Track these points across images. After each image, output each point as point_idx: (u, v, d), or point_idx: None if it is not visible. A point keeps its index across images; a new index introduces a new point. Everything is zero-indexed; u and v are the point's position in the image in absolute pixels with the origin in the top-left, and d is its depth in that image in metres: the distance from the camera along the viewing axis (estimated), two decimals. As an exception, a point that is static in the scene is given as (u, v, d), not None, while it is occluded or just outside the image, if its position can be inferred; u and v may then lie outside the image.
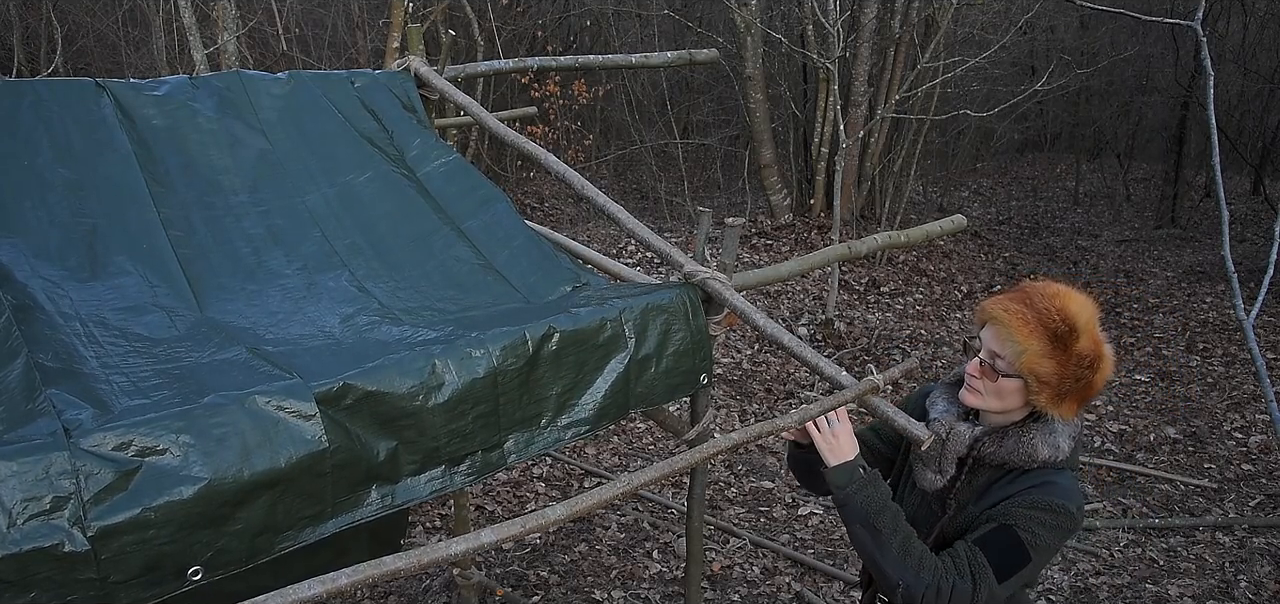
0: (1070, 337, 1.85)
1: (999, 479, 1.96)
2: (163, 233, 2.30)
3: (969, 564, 1.85)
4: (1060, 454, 1.91)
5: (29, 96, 2.42)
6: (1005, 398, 1.92)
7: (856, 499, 1.92)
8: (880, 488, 1.94)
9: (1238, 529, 4.92)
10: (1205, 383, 7.03)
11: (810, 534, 4.81)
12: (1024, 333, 1.86)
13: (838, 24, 7.78)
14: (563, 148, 11.07)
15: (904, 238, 2.86)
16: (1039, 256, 10.64)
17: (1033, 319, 1.87)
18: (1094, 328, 1.90)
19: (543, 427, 2.07)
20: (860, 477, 1.94)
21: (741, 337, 7.40)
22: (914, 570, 1.85)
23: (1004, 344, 1.90)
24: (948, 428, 2.01)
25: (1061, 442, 1.91)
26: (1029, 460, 1.91)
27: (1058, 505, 1.86)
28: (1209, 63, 4.59)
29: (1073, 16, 14.02)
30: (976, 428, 2.00)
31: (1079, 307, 1.90)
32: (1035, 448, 1.90)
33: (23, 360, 1.69)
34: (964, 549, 1.87)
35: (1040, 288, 1.94)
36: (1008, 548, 1.85)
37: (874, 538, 1.89)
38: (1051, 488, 1.88)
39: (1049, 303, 1.88)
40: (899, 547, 1.87)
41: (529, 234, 2.67)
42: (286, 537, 1.67)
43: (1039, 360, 1.85)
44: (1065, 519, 1.86)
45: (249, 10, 9.40)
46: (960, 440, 1.99)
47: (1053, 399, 1.87)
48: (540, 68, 3.79)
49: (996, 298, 1.97)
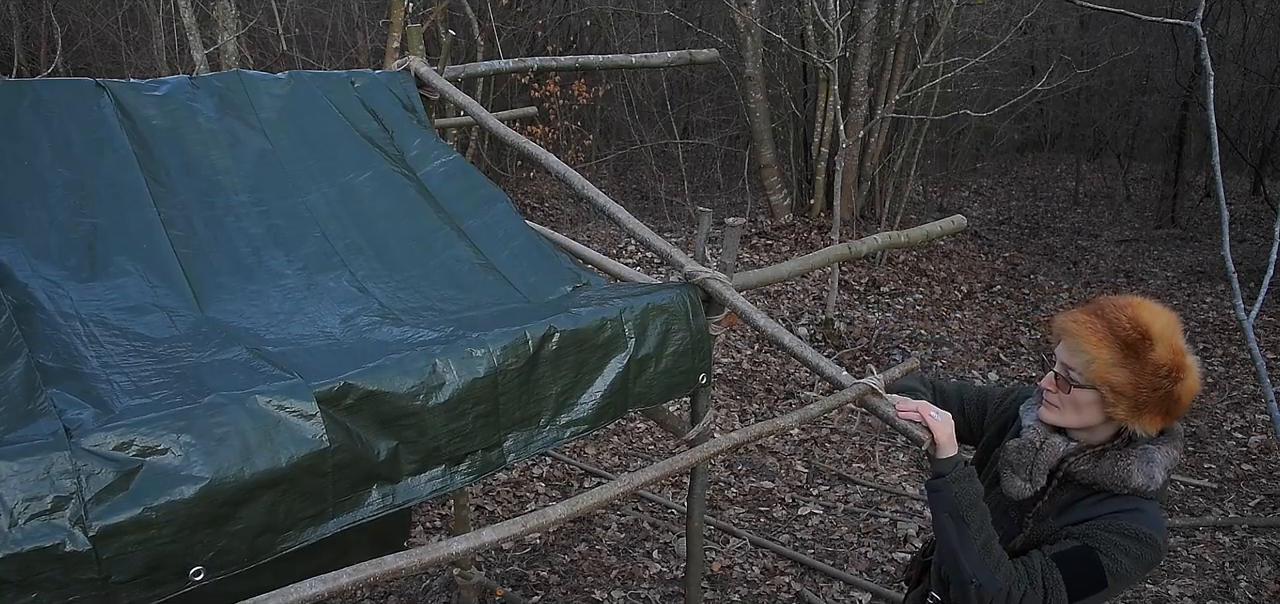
0: (1143, 344, 1.82)
1: (1085, 498, 1.93)
2: (163, 233, 2.30)
3: (1042, 577, 1.83)
4: (1154, 484, 1.87)
5: (29, 96, 2.43)
6: (1082, 411, 1.90)
7: (952, 489, 1.89)
8: (975, 484, 1.91)
9: (1238, 529, 4.92)
10: (1205, 383, 7.03)
11: (810, 534, 4.81)
12: (1093, 342, 1.85)
13: (838, 24, 7.78)
14: (563, 148, 11.07)
15: (904, 238, 2.86)
16: (1039, 256, 10.64)
17: (1103, 328, 1.85)
18: (1173, 337, 1.86)
19: (542, 426, 2.08)
20: (962, 468, 1.92)
21: (741, 337, 7.40)
22: (991, 571, 1.84)
23: (1074, 355, 1.88)
24: (1043, 437, 1.98)
25: (1156, 472, 1.87)
26: (1121, 485, 1.87)
27: (1146, 535, 1.83)
28: (1209, 63, 4.59)
29: (1073, 16, 14.02)
30: (1071, 442, 1.97)
31: (1153, 316, 1.87)
32: (1130, 473, 1.87)
33: (23, 360, 1.69)
34: (1039, 560, 1.86)
35: (1113, 299, 1.91)
36: (1086, 570, 1.83)
37: (960, 531, 1.87)
38: (1141, 516, 1.85)
39: (1120, 313, 1.87)
40: (982, 544, 1.85)
41: (529, 234, 2.67)
42: (288, 536, 1.67)
43: (1110, 370, 1.83)
44: (1151, 551, 1.83)
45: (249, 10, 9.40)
46: (1053, 452, 1.96)
47: (1131, 411, 1.84)
48: (540, 68, 3.79)
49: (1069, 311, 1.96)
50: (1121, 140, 15.13)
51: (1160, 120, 14.15)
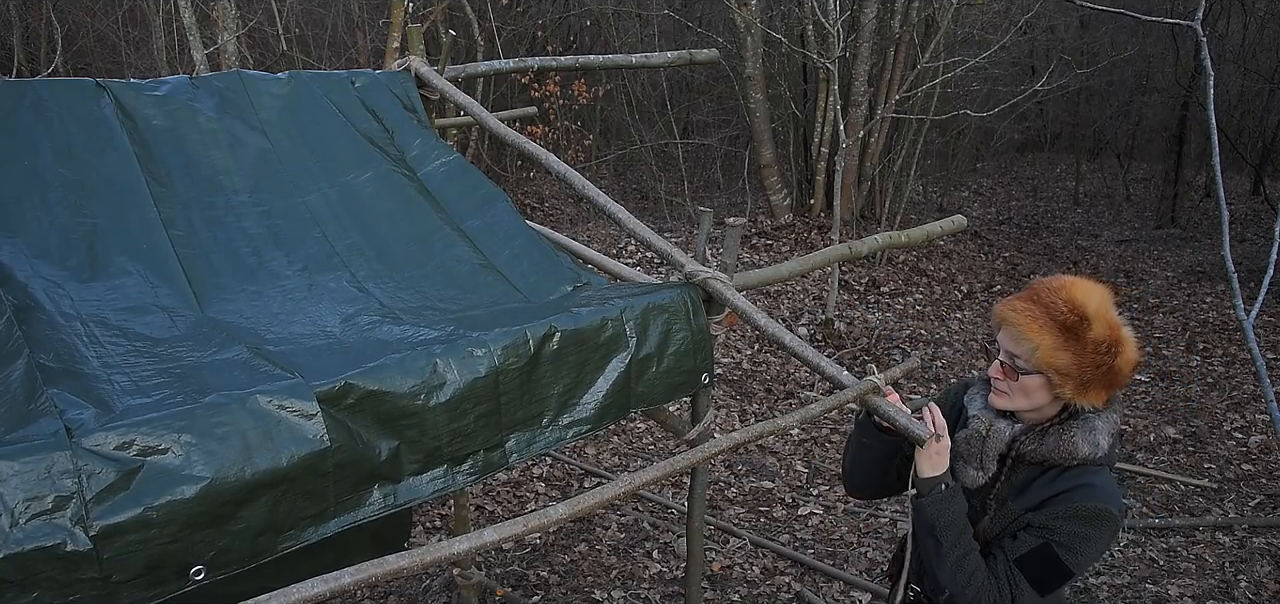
0: (1081, 325, 1.88)
1: (1039, 476, 1.98)
2: (163, 233, 2.30)
3: (1009, 585, 1.90)
4: (1099, 451, 1.92)
5: (29, 96, 2.43)
6: (1031, 395, 1.95)
7: (928, 511, 1.95)
8: (954, 504, 1.96)
9: (1238, 529, 4.92)
10: (1205, 383, 7.03)
11: (810, 534, 4.82)
12: (1034, 330, 1.90)
13: (838, 24, 7.77)
14: (563, 148, 11.07)
15: (904, 238, 2.86)
16: (1039, 256, 10.64)
17: (1042, 314, 1.90)
18: (1107, 312, 1.91)
19: (544, 426, 2.08)
20: (940, 493, 1.97)
21: (741, 336, 7.40)
22: (962, 585, 1.91)
23: (1017, 343, 1.93)
24: (988, 424, 2.03)
25: (1101, 439, 1.93)
26: (1069, 457, 1.93)
27: (1098, 510, 1.87)
28: (1209, 63, 4.59)
29: (1073, 16, 14.02)
30: (1016, 425, 2.02)
31: (1087, 294, 1.92)
32: (1075, 445, 1.92)
33: (24, 361, 1.69)
34: (1004, 567, 1.91)
35: (1047, 283, 1.96)
36: (1047, 566, 1.88)
37: (935, 548, 1.94)
38: (1091, 492, 1.89)
39: (1055, 296, 1.91)
40: (955, 561, 1.92)
41: (529, 234, 2.67)
42: (289, 536, 1.67)
43: (1054, 354, 1.88)
44: (1108, 523, 1.88)
45: (249, 10, 9.40)
46: (1000, 437, 2.01)
47: (1077, 389, 1.89)
48: (540, 68, 3.79)
49: (1007, 300, 2.00)
50: (1121, 140, 15.13)
51: (1160, 120, 14.14)
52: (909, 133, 9.79)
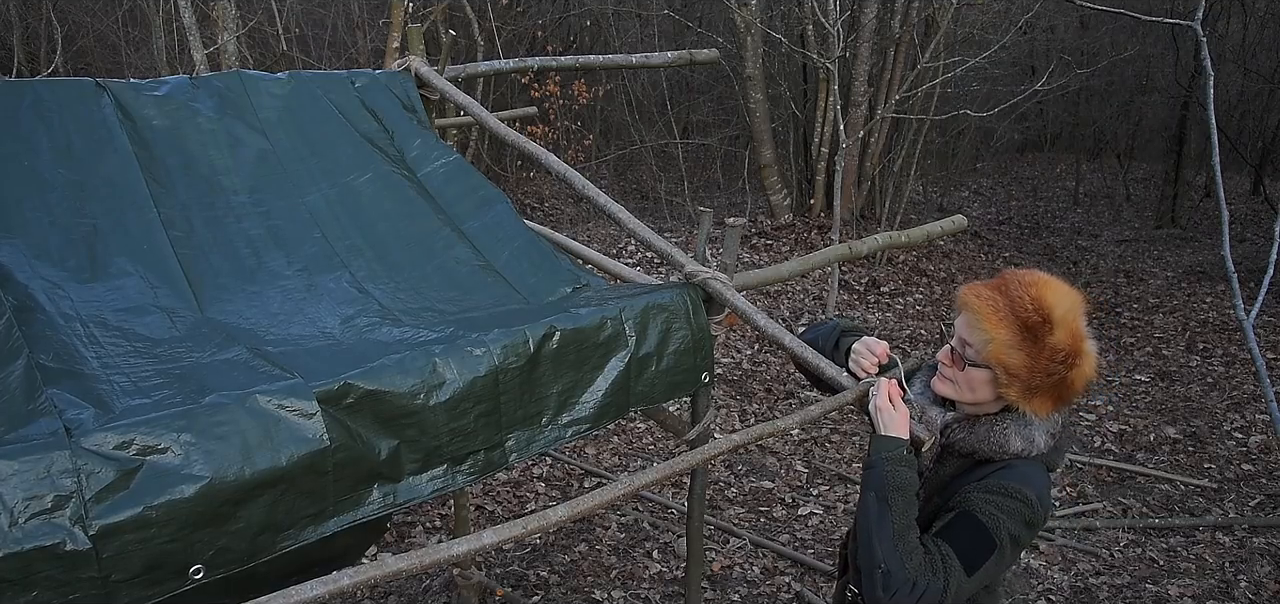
0: (1043, 328, 1.77)
1: (965, 470, 1.90)
2: (163, 233, 2.30)
3: (941, 562, 1.77)
4: (1034, 449, 1.83)
5: (29, 96, 2.43)
6: (975, 389, 1.86)
7: (884, 470, 1.82)
8: (909, 473, 1.85)
9: (1238, 529, 4.92)
10: (1205, 383, 7.03)
11: (810, 534, 4.81)
12: (993, 321, 1.79)
13: (838, 24, 7.77)
14: (563, 148, 11.07)
15: (904, 238, 2.86)
16: (1039, 256, 10.64)
17: (1004, 307, 1.79)
18: (1074, 322, 1.80)
19: (544, 425, 2.08)
20: (899, 455, 1.85)
21: (741, 337, 7.40)
22: (901, 559, 1.75)
23: (973, 332, 1.83)
24: (920, 409, 1.95)
25: (1036, 436, 1.84)
26: (999, 452, 1.84)
27: (1014, 489, 1.78)
28: (1209, 63, 4.59)
29: (1073, 16, 14.02)
30: (948, 412, 1.93)
31: (1058, 297, 1.80)
32: (1007, 439, 1.83)
33: (24, 361, 1.69)
34: (932, 545, 1.80)
35: (1019, 275, 1.85)
36: (970, 534, 1.78)
37: (881, 513, 1.79)
38: (1011, 471, 1.81)
39: (1024, 291, 1.80)
40: (897, 532, 1.78)
41: (529, 235, 2.67)
42: (288, 535, 1.67)
43: (1006, 351, 1.78)
44: (1023, 505, 1.78)
45: (249, 10, 9.40)
46: (932, 424, 1.93)
47: (1023, 393, 1.79)
48: (540, 68, 3.79)
49: (973, 285, 1.88)
50: (1121, 140, 15.12)
51: (1160, 120, 14.14)
52: (909, 133, 9.79)
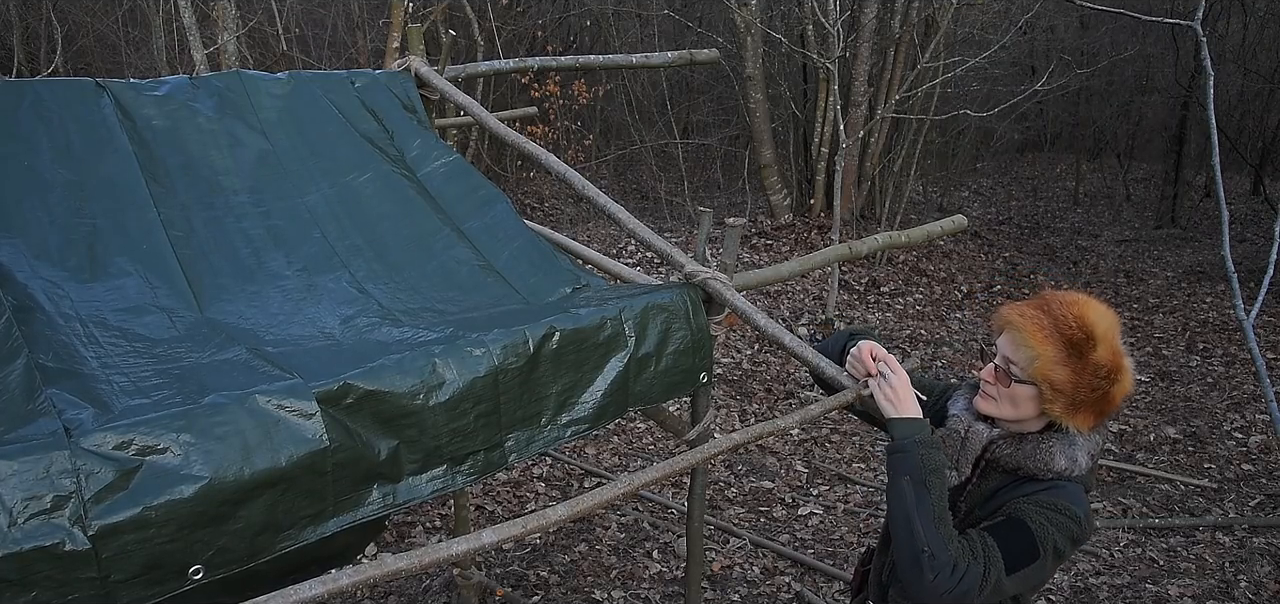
0: (1087, 345, 1.83)
1: (1008, 485, 1.94)
2: (163, 233, 2.30)
3: (982, 549, 1.80)
4: (1077, 468, 1.88)
5: (29, 96, 2.42)
6: (1019, 405, 1.91)
7: (918, 452, 1.84)
8: (941, 453, 1.88)
9: (1238, 529, 4.92)
10: (1205, 383, 7.03)
11: (810, 534, 4.81)
12: (1038, 338, 1.85)
13: (838, 24, 7.78)
14: (563, 148, 11.07)
15: (904, 238, 2.86)
16: (1039, 256, 10.64)
17: (1049, 325, 1.85)
18: (1114, 339, 1.87)
19: (544, 425, 2.08)
20: (928, 434, 1.89)
21: (741, 337, 7.40)
22: (942, 541, 1.77)
23: (1018, 350, 1.88)
24: (966, 425, 1.99)
25: (1079, 456, 1.89)
26: (1044, 470, 1.88)
27: (1064, 505, 1.84)
28: (1209, 63, 4.59)
29: (1073, 16, 14.01)
30: (994, 429, 1.98)
31: (1099, 316, 1.87)
32: (1052, 457, 1.88)
33: (23, 361, 1.69)
34: (976, 535, 1.84)
35: (1060, 296, 1.91)
36: (1017, 538, 1.82)
37: (919, 497, 1.80)
38: (1061, 491, 1.86)
39: (1067, 310, 1.86)
40: (938, 515, 1.80)
41: (529, 236, 2.67)
42: (288, 535, 1.67)
43: (1052, 367, 1.84)
44: (1072, 522, 1.84)
45: (249, 10, 9.40)
46: (978, 439, 1.97)
47: (1067, 409, 1.85)
48: (540, 68, 3.79)
49: (1014, 304, 1.95)
50: (1121, 140, 15.12)
51: (1160, 120, 14.14)
52: (909, 133, 9.80)
